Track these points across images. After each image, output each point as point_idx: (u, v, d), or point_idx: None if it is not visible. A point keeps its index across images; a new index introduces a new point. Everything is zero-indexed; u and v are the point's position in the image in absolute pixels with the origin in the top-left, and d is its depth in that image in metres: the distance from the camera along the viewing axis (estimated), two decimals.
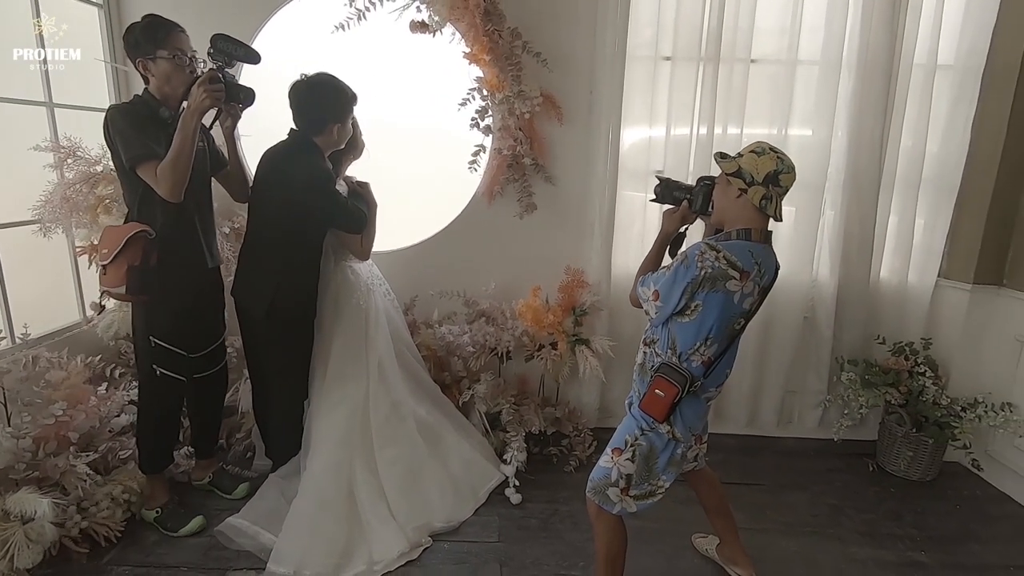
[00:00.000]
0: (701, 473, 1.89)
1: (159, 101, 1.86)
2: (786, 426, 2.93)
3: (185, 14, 2.48)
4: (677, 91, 2.58)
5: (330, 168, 2.10)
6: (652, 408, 1.53)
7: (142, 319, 1.97)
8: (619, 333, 2.73)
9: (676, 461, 1.61)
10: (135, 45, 1.82)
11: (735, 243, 1.50)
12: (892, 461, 2.66)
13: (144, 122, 1.81)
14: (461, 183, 2.69)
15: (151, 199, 1.83)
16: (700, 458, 1.83)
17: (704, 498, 1.94)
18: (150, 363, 1.98)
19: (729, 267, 1.46)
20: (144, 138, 1.78)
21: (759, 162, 1.49)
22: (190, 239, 1.97)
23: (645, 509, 1.64)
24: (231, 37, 1.84)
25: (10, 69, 2.14)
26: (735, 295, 1.48)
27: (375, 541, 1.99)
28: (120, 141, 1.78)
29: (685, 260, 1.49)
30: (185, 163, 1.78)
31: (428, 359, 2.61)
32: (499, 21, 2.40)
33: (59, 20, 2.27)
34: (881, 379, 2.62)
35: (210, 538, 2.05)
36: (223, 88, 1.78)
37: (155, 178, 1.77)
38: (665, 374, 1.51)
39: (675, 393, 1.48)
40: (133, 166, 1.78)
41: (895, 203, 2.69)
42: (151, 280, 1.85)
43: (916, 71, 2.55)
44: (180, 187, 1.79)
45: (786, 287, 2.73)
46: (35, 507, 1.73)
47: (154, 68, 1.83)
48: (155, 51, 1.81)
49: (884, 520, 2.34)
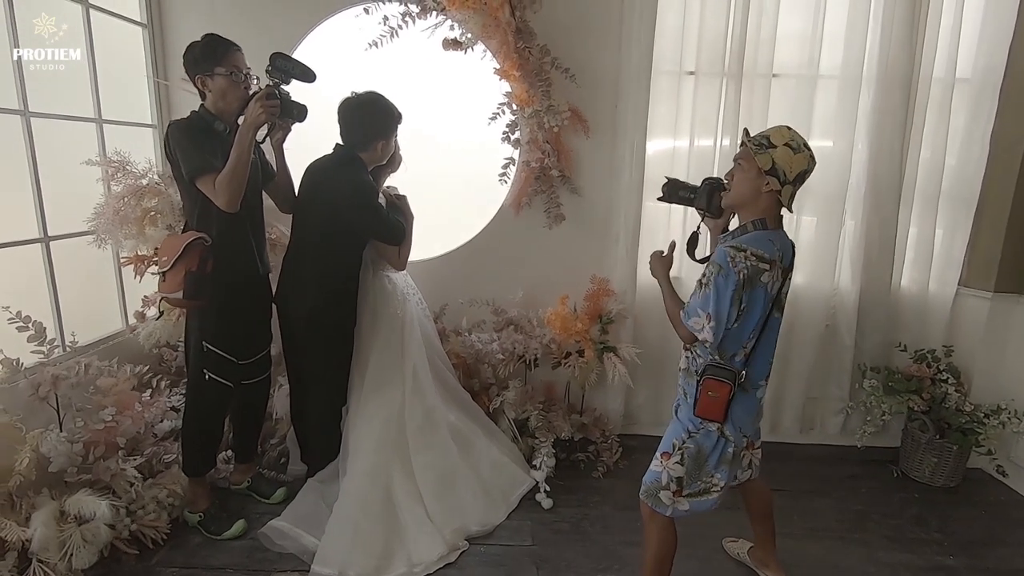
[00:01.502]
0: (755, 482, 1.89)
1: (214, 116, 1.95)
2: (808, 433, 2.97)
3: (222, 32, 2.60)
4: (700, 105, 2.66)
5: (372, 182, 2.18)
6: (709, 411, 1.55)
7: (196, 325, 2.04)
8: (644, 341, 2.78)
9: (727, 459, 1.64)
10: (195, 62, 1.92)
11: (755, 235, 1.53)
12: (916, 467, 2.69)
13: (202, 136, 1.90)
14: (490, 195, 2.77)
15: (208, 210, 1.92)
16: (755, 465, 1.83)
17: (752, 504, 1.95)
18: (201, 367, 2.05)
19: (759, 262, 1.49)
20: (202, 152, 1.87)
21: (794, 160, 1.50)
22: (243, 247, 2.05)
23: (702, 509, 1.67)
24: (289, 56, 1.95)
25: (57, 87, 2.22)
26: (768, 285, 1.52)
27: (414, 544, 2.04)
28: (180, 155, 1.87)
29: (720, 271, 1.49)
30: (242, 175, 1.87)
31: (458, 366, 2.67)
32: (529, 38, 2.49)
33: (106, 38, 2.37)
34: (903, 386, 2.66)
35: (253, 540, 2.11)
36: (279, 104, 1.89)
37: (213, 190, 1.86)
38: (713, 375, 1.54)
39: (728, 391, 1.52)
40: (192, 178, 1.87)
41: (915, 214, 2.75)
42: (207, 285, 1.92)
43: (935, 85, 2.61)
44: (237, 198, 1.89)
45: (808, 295, 2.79)
46: (94, 509, 1.79)
47: (211, 84, 1.92)
48: (213, 68, 1.90)
49: (910, 525, 2.37)
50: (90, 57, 2.30)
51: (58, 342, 2.11)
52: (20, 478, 1.80)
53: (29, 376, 1.95)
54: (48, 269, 2.14)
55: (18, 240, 2.04)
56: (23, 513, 1.81)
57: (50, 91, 2.13)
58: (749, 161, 1.55)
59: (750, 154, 1.55)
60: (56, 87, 2.17)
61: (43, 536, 1.71)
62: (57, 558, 1.75)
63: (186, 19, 2.60)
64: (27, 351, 1.97)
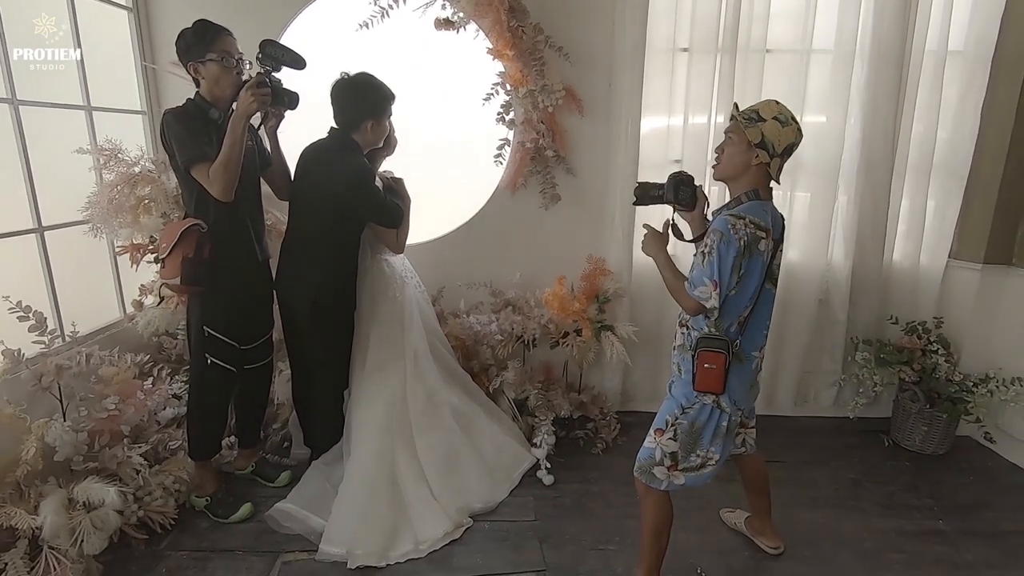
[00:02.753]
0: (752, 455, 1.94)
1: (209, 103, 1.94)
2: (802, 405, 3.03)
3: (209, 15, 2.55)
4: (694, 82, 2.65)
5: (368, 165, 2.17)
6: (708, 383, 1.57)
7: (197, 310, 2.05)
8: (640, 319, 2.81)
9: (722, 432, 1.67)
10: (186, 49, 1.90)
11: (750, 205, 1.56)
12: (907, 436, 2.76)
13: (196, 124, 1.89)
14: (485, 176, 2.76)
15: (205, 197, 1.92)
16: (748, 443, 1.87)
17: (748, 477, 2.00)
18: (203, 352, 2.06)
19: (757, 229, 1.52)
20: (196, 140, 1.86)
21: (782, 133, 1.52)
22: (241, 234, 2.05)
23: (699, 483, 1.71)
24: (279, 43, 1.92)
25: (42, 75, 2.18)
26: (764, 253, 1.55)
27: (419, 522, 2.08)
28: (175, 144, 1.87)
29: (723, 237, 1.50)
30: (235, 164, 1.86)
31: (457, 348, 2.69)
32: (523, 17, 2.46)
33: (90, 22, 2.33)
34: (895, 358, 2.71)
35: (260, 523, 2.14)
36: (270, 92, 1.87)
37: (207, 179, 1.86)
38: (707, 346, 1.57)
39: (723, 360, 1.54)
40: (187, 167, 1.87)
41: (907, 187, 2.77)
42: (204, 271, 1.93)
43: (928, 58, 2.62)
44: (231, 187, 1.88)
45: (801, 271, 2.82)
46: (103, 496, 1.81)
47: (204, 71, 1.90)
48: (205, 54, 1.88)
49: (902, 492, 2.44)
50: (75, 43, 2.26)
51: (58, 332, 2.11)
52: (27, 467, 1.81)
53: (31, 366, 1.95)
54: (44, 259, 2.13)
55: (12, 231, 2.02)
56: (32, 502, 1.83)
57: (39, 79, 2.09)
58: (739, 135, 1.58)
59: (740, 128, 1.57)
60: (45, 75, 2.14)
61: (53, 523, 1.73)
62: (68, 544, 1.77)
63: (172, 1, 2.56)
64: (27, 342, 1.97)
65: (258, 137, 2.14)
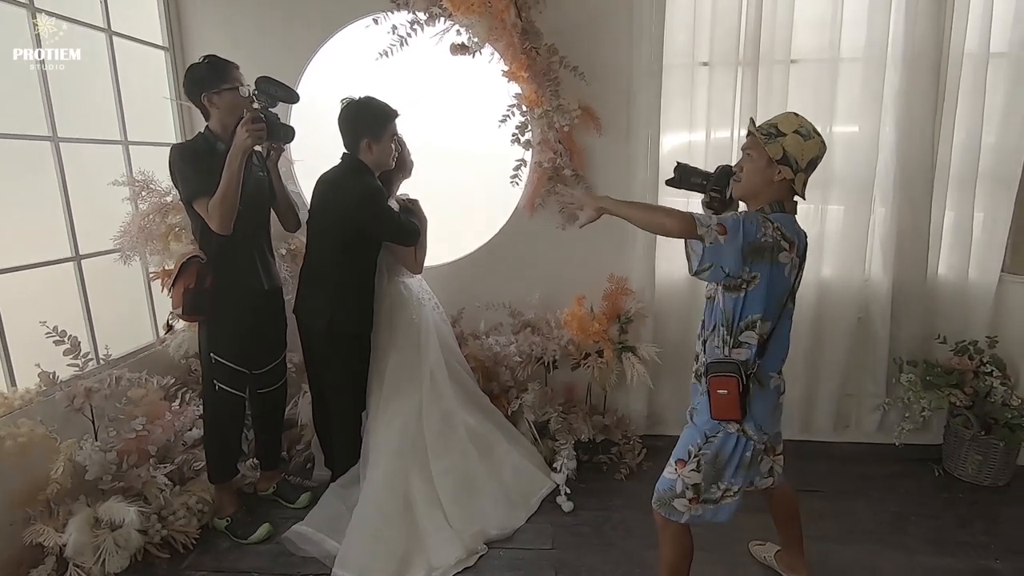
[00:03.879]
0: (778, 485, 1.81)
1: (217, 136, 2.01)
2: (843, 431, 2.85)
3: (241, 48, 2.68)
4: (716, 96, 2.59)
5: (380, 185, 2.20)
6: (725, 411, 1.49)
7: (204, 338, 2.11)
8: (664, 340, 2.73)
9: (746, 463, 1.58)
10: (200, 81, 1.97)
11: (780, 215, 1.48)
12: (960, 466, 2.55)
13: (202, 158, 1.95)
14: (503, 197, 2.76)
15: (209, 229, 1.97)
16: (776, 472, 1.74)
17: (777, 508, 1.88)
18: (212, 379, 2.11)
19: (782, 239, 1.44)
20: (199, 175, 1.92)
21: (805, 147, 1.46)
22: (247, 264, 2.10)
23: (716, 517, 1.61)
24: (273, 79, 1.96)
25: (85, 112, 2.33)
26: (785, 267, 1.47)
27: (432, 548, 2.05)
28: (179, 178, 1.95)
29: (749, 218, 1.43)
30: (232, 199, 1.91)
31: (476, 370, 2.67)
32: (536, 39, 2.47)
33: (129, 61, 2.47)
34: (944, 380, 2.52)
35: (278, 545, 2.16)
36: (264, 127, 1.90)
37: (207, 213, 1.91)
38: (717, 372, 1.50)
39: (736, 384, 1.46)
40: (189, 201, 1.95)
41: (951, 198, 2.60)
42: (204, 301, 1.99)
43: (967, 61, 2.47)
44: (228, 221, 1.92)
45: (837, 287, 2.69)
46: (123, 515, 1.87)
47: (219, 100, 1.98)
48: (220, 84, 1.96)
49: (952, 527, 2.25)
50: (115, 82, 2.40)
51: (92, 356, 2.21)
52: (57, 486, 1.89)
53: (64, 388, 2.04)
54: (80, 286, 2.24)
55: (51, 259, 2.14)
56: (61, 520, 1.90)
57: (77, 116, 2.23)
58: (758, 151, 1.51)
59: (759, 144, 1.50)
60: (83, 114, 2.29)
61: (77, 541, 1.80)
62: (91, 562, 1.83)
63: (205, 41, 2.70)
64: (63, 365, 2.07)
65: (268, 169, 2.18)
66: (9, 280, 1.97)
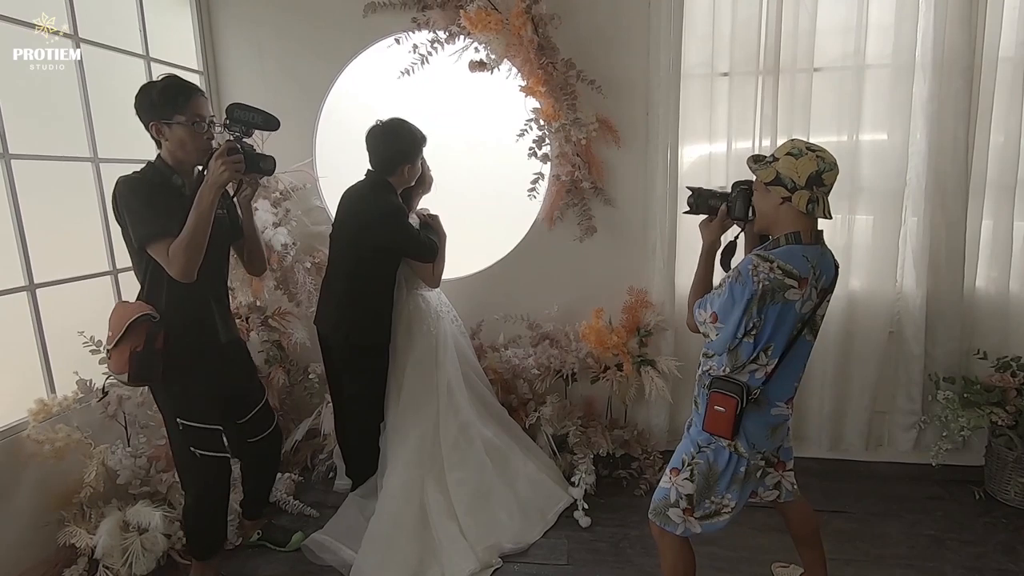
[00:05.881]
0: (794, 503, 1.77)
1: (171, 168, 1.72)
2: (875, 450, 2.74)
3: (271, 70, 2.78)
4: (736, 106, 2.56)
5: (401, 203, 2.25)
6: (716, 426, 1.48)
7: (164, 403, 1.79)
8: (685, 353, 2.68)
9: (739, 479, 1.56)
10: (150, 107, 1.66)
11: (786, 249, 1.45)
12: (1002, 489, 2.41)
13: (156, 193, 1.67)
14: (522, 210, 2.78)
15: (160, 277, 1.69)
16: (784, 488, 1.70)
17: (795, 528, 1.82)
18: (187, 447, 1.78)
19: (785, 276, 1.41)
20: (155, 214, 1.64)
21: (798, 165, 1.44)
22: (202, 314, 1.81)
23: (713, 530, 1.60)
24: (248, 105, 1.71)
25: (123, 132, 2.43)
26: (796, 303, 1.44)
27: (446, 559, 2.06)
28: (129, 217, 1.65)
29: (739, 277, 1.44)
30: (200, 242, 1.62)
31: (495, 382, 2.68)
32: (552, 54, 2.50)
33: None
34: (984, 398, 2.40)
35: (297, 552, 2.19)
36: (242, 159, 1.64)
37: (167, 258, 1.61)
38: (719, 388, 1.48)
39: (734, 405, 1.44)
40: (143, 245, 1.64)
41: (987, 207, 2.49)
42: (156, 364, 1.69)
43: (1003, 64, 2.38)
44: (193, 267, 1.63)
45: (867, 300, 2.60)
46: (149, 519, 1.94)
47: (168, 132, 1.68)
48: (172, 115, 1.66)
49: (994, 554, 2.12)
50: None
51: None
52: (90, 489, 1.98)
53: (98, 395, 2.14)
54: (117, 298, 2.35)
55: (90, 273, 2.26)
56: (93, 522, 1.99)
57: (117, 137, 2.36)
58: (757, 181, 1.54)
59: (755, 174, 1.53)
60: (120, 134, 2.42)
61: (106, 544, 1.87)
62: (119, 564, 1.90)
63: (237, 63, 2.82)
64: (99, 372, 2.17)
65: (230, 204, 1.87)
66: (52, 293, 2.09)
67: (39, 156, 2.09)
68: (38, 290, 2.04)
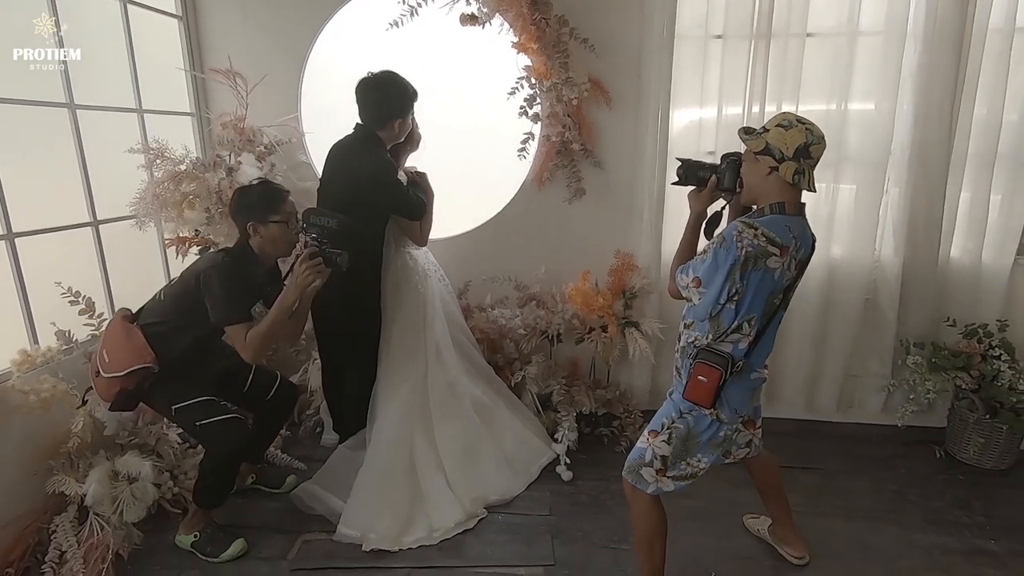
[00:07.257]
0: (759, 457, 1.85)
1: (257, 257, 1.94)
2: (846, 411, 2.86)
3: (251, 18, 2.68)
4: (728, 70, 2.54)
5: (390, 158, 2.22)
6: (697, 395, 1.52)
7: (158, 403, 1.93)
8: (669, 316, 2.73)
9: (717, 442, 1.62)
10: (249, 208, 1.89)
11: (771, 218, 1.49)
12: (962, 448, 2.55)
13: (240, 281, 1.86)
14: (511, 171, 2.76)
15: (187, 327, 1.87)
16: (754, 444, 1.78)
17: (760, 482, 1.92)
18: (192, 423, 1.89)
19: (768, 244, 1.44)
20: (239, 300, 1.85)
21: (787, 136, 1.46)
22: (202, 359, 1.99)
23: (683, 488, 1.66)
24: (321, 210, 1.89)
25: (99, 79, 2.36)
26: (775, 271, 1.48)
27: (434, 509, 2.12)
28: (211, 300, 1.82)
29: (724, 243, 1.46)
30: (276, 332, 1.84)
31: (481, 342, 2.71)
32: (546, 9, 2.45)
33: (143, 31, 2.50)
34: (950, 363, 2.51)
35: (286, 502, 2.24)
36: (323, 261, 1.81)
37: (243, 342, 1.81)
38: (705, 359, 1.51)
39: (718, 377, 1.48)
40: (221, 324, 1.84)
41: (967, 179, 2.55)
42: (138, 399, 1.88)
43: (992, 36, 2.39)
44: (265, 353, 1.88)
45: (846, 268, 2.66)
46: (139, 468, 1.96)
47: (263, 231, 1.90)
48: (268, 217, 1.88)
49: (951, 508, 2.26)
50: (129, 50, 2.44)
51: (107, 316, 2.29)
52: (77, 439, 1.98)
53: (82, 347, 2.12)
54: (99, 250, 2.31)
55: (70, 224, 2.21)
56: (81, 471, 2.00)
57: (93, 83, 2.27)
58: (747, 152, 1.56)
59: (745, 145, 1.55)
60: (99, 80, 2.33)
61: (96, 492, 1.89)
62: (110, 512, 1.93)
63: (218, 8, 2.71)
64: (79, 325, 2.15)
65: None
66: (32, 243, 2.03)
67: (13, 100, 2.01)
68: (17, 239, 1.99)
